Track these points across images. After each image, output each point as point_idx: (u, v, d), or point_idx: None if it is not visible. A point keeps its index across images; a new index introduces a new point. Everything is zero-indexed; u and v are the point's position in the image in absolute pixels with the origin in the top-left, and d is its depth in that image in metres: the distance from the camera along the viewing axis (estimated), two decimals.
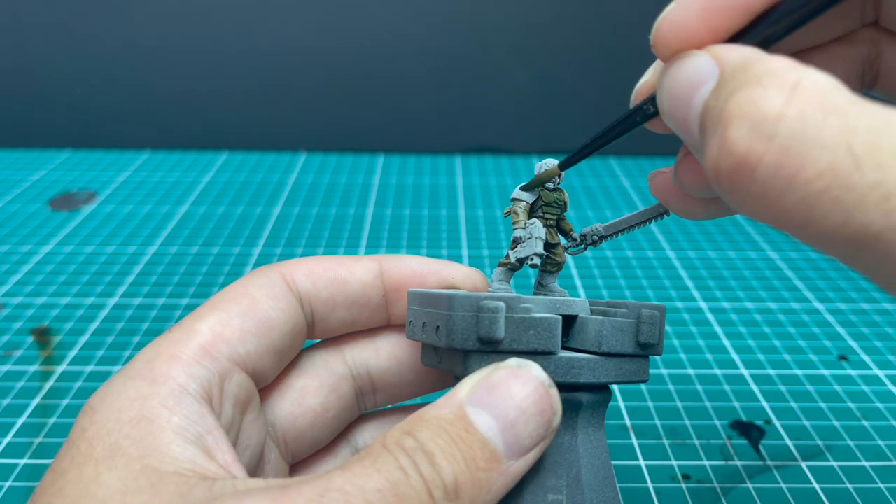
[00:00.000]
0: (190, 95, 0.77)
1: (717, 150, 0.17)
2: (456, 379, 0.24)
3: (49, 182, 0.69)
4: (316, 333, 0.27)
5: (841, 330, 0.47)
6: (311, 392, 0.26)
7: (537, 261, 0.25)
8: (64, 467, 0.19)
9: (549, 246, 0.26)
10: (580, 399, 0.23)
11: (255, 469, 0.24)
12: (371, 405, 0.28)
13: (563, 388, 0.22)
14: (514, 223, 0.26)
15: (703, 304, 0.50)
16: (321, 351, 0.27)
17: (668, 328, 0.47)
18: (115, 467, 0.19)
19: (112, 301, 0.49)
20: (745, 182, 0.16)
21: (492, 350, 0.22)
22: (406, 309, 0.26)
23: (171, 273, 0.53)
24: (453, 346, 0.22)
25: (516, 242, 0.25)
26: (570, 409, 0.23)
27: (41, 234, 0.59)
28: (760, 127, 0.16)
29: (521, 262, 0.25)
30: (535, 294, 0.27)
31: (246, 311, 0.24)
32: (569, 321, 0.24)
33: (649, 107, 0.21)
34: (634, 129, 0.23)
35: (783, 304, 0.51)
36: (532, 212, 0.26)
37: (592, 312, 0.25)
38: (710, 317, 0.49)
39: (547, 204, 0.26)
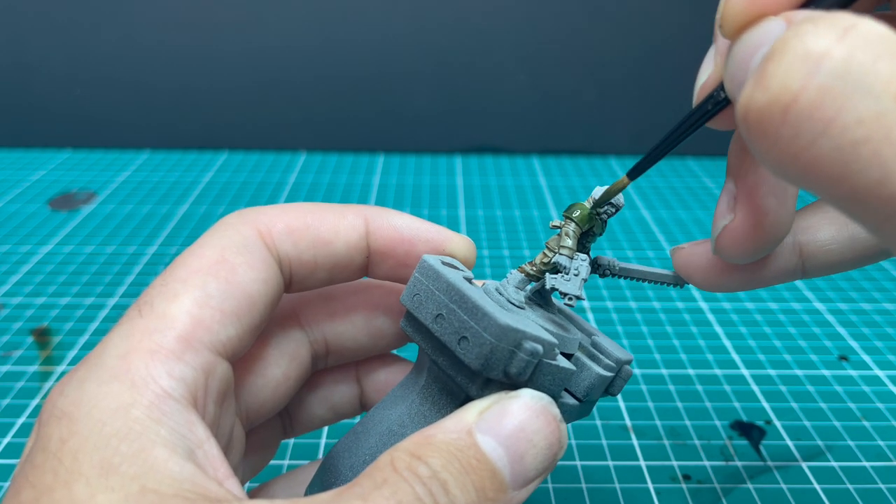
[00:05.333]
0: (190, 95, 0.77)
1: (752, 86, 0.15)
2: (425, 357, 0.24)
3: (49, 182, 0.69)
4: (289, 291, 0.25)
5: (841, 330, 0.47)
6: (272, 361, 0.25)
7: (574, 303, 0.24)
8: (47, 484, 0.17)
9: None
10: None
11: (225, 450, 0.23)
12: (321, 366, 0.28)
13: None
14: (560, 246, 0.24)
15: (703, 305, 0.50)
16: (277, 315, 0.26)
17: (668, 328, 0.47)
18: (111, 489, 0.17)
19: (112, 301, 0.49)
20: (776, 123, 0.15)
21: (509, 382, 0.22)
22: (389, 271, 0.25)
23: None
24: (477, 371, 0.21)
25: (556, 268, 0.24)
26: None
27: (41, 234, 0.59)
28: (802, 62, 0.14)
29: (554, 290, 0.24)
30: (531, 296, 0.26)
31: (225, 285, 0.21)
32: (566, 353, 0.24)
33: (720, 93, 0.20)
34: (706, 121, 0.21)
35: (784, 304, 0.50)
36: (580, 238, 0.25)
37: (580, 345, 0.25)
38: (711, 317, 0.49)
39: (594, 235, 0.25)
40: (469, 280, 0.24)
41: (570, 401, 0.23)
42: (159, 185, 0.69)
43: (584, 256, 0.24)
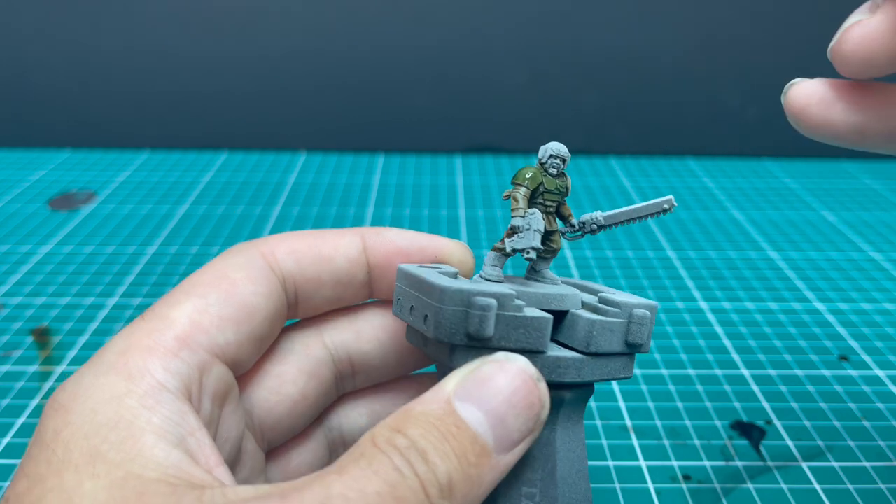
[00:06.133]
0: (189, 95, 0.77)
1: None
2: (440, 365, 0.24)
3: (49, 182, 0.69)
4: (299, 313, 0.26)
5: (842, 330, 0.47)
6: (290, 379, 0.25)
7: (533, 255, 0.24)
8: (41, 473, 0.18)
9: (546, 233, 0.25)
10: (563, 396, 0.23)
11: (233, 461, 0.23)
12: (350, 388, 0.27)
13: (551, 386, 0.22)
14: (512, 209, 0.24)
15: (703, 305, 0.50)
16: (299, 333, 0.26)
17: (668, 328, 0.47)
18: (97, 475, 0.17)
19: (112, 301, 0.49)
20: None
21: (481, 346, 0.22)
22: (391, 286, 0.25)
23: (171, 273, 0.53)
24: (441, 340, 0.22)
25: (513, 230, 0.24)
26: (553, 406, 0.23)
27: (41, 234, 0.59)
28: None
29: (515, 251, 0.24)
30: (526, 277, 0.26)
31: (225, 296, 0.22)
32: (560, 311, 0.24)
33: None
34: None
35: (784, 305, 0.50)
36: (533, 198, 0.25)
37: (583, 305, 0.24)
38: (711, 317, 0.49)
39: (549, 191, 0.25)
40: (454, 276, 0.24)
41: (566, 353, 0.23)
42: (159, 185, 0.69)
43: (533, 210, 0.24)
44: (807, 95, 0.23)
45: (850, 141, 0.23)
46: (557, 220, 0.26)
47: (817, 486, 0.34)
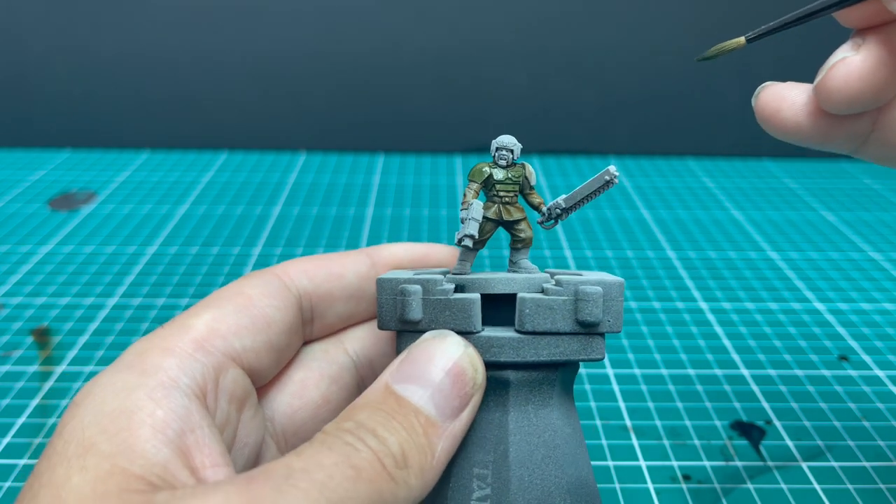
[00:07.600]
0: (190, 95, 0.77)
1: None
2: None
3: (49, 182, 0.69)
4: (315, 331, 0.27)
5: (842, 330, 0.47)
6: (312, 384, 0.26)
7: (468, 242, 0.25)
8: (40, 469, 0.18)
9: (510, 223, 0.26)
10: (507, 377, 0.23)
11: (251, 468, 0.24)
12: None
13: (490, 366, 0.23)
14: (461, 204, 0.25)
15: (703, 305, 0.50)
16: (320, 343, 0.27)
17: (668, 328, 0.47)
18: (85, 468, 0.18)
19: (112, 301, 0.49)
20: None
21: (414, 330, 0.23)
22: None
23: (171, 273, 0.53)
24: (382, 328, 0.24)
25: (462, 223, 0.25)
26: (500, 387, 0.23)
27: (41, 234, 0.59)
28: None
29: (459, 242, 0.25)
30: (508, 270, 0.27)
31: (241, 308, 0.24)
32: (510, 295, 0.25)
33: None
34: (846, 6, 0.21)
35: (784, 305, 0.50)
36: (488, 191, 0.26)
37: (544, 290, 0.24)
38: (711, 317, 0.49)
39: (500, 182, 0.26)
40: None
41: (501, 333, 0.23)
42: (159, 185, 0.69)
43: (472, 201, 0.25)
44: (778, 99, 0.24)
45: (816, 142, 0.24)
46: (529, 209, 0.27)
47: (817, 486, 0.34)
